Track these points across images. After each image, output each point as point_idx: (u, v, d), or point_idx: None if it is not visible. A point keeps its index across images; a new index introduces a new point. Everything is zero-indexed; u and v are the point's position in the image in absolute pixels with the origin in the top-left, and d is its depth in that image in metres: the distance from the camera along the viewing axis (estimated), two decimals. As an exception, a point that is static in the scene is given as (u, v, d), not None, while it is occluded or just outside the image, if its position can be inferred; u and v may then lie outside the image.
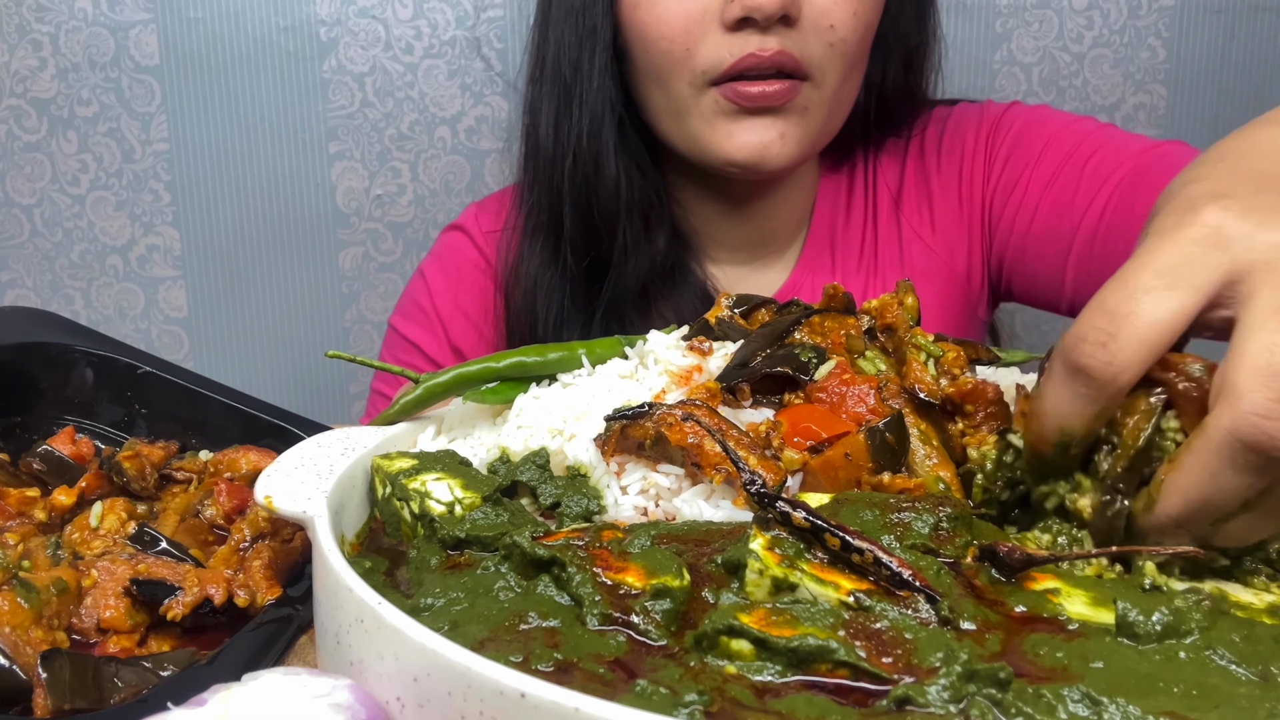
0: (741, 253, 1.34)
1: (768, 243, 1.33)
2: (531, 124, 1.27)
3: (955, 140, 1.33)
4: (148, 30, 1.75)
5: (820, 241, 1.34)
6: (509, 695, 0.43)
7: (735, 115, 1.16)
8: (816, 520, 0.53)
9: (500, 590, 0.56)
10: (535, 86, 1.26)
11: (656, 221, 1.25)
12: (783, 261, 1.35)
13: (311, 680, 0.51)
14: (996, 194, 1.29)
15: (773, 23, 1.11)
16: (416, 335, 1.36)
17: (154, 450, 0.88)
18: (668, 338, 0.81)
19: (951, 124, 1.34)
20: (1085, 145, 1.22)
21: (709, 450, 0.65)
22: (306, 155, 1.82)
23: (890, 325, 0.76)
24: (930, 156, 1.33)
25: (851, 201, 1.35)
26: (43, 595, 0.66)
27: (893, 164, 1.35)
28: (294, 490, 0.66)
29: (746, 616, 0.49)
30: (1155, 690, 0.46)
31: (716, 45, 1.14)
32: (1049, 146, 1.25)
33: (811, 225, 1.34)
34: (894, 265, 1.32)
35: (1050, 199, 1.22)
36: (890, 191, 1.34)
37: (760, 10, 1.10)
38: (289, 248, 1.86)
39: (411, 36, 1.79)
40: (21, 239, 1.82)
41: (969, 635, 0.50)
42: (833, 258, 1.33)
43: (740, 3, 1.11)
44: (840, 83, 1.18)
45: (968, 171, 1.31)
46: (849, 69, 1.18)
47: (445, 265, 1.38)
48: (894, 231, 1.32)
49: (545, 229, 1.26)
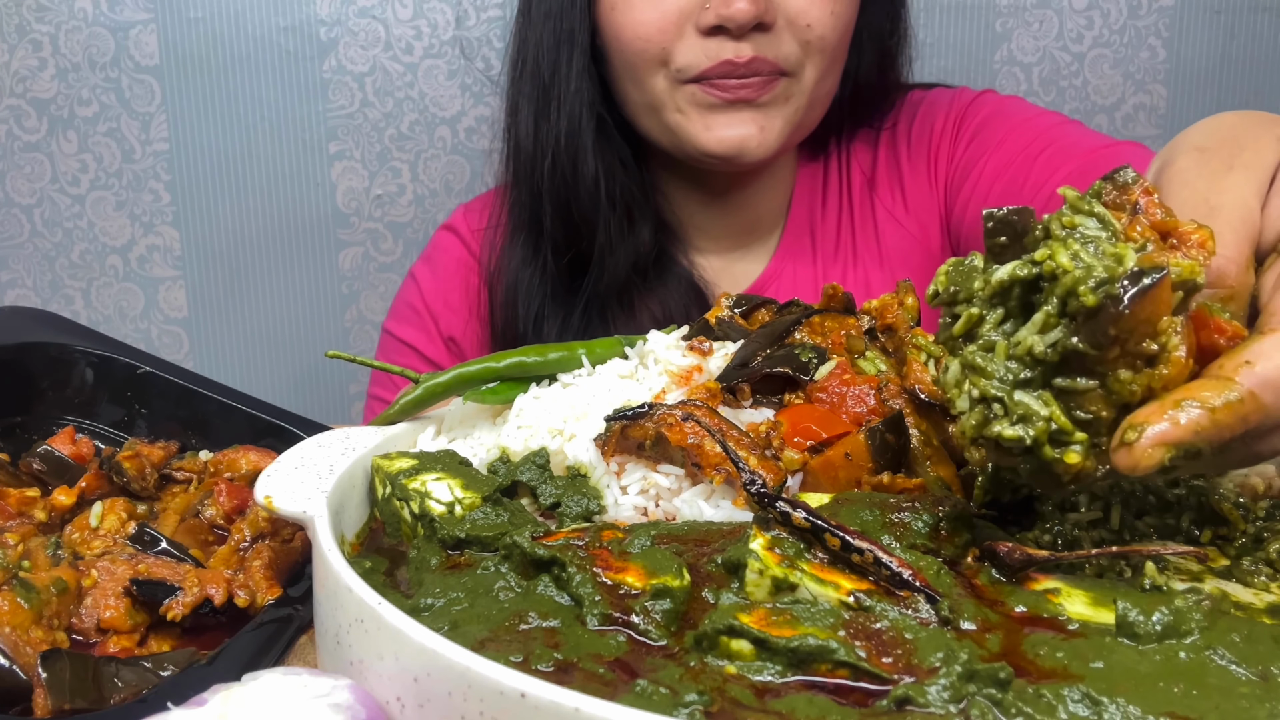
0: (724, 242, 1.35)
1: (750, 231, 1.35)
2: (511, 124, 1.28)
3: (926, 123, 1.35)
4: (148, 30, 1.75)
5: (799, 229, 1.36)
6: (509, 695, 0.43)
7: (713, 109, 1.17)
8: (816, 520, 0.53)
9: (500, 590, 0.56)
10: (515, 87, 1.28)
11: (640, 215, 1.27)
12: (764, 249, 1.36)
13: (311, 680, 0.51)
14: (954, 175, 1.31)
15: (747, 30, 1.13)
16: (410, 335, 1.36)
17: (154, 450, 0.88)
18: (668, 338, 0.81)
19: (925, 107, 1.36)
20: (1041, 139, 1.24)
21: (709, 450, 0.65)
22: (306, 155, 1.82)
23: (890, 325, 0.76)
24: (901, 138, 1.35)
25: (827, 189, 1.37)
26: (43, 595, 0.66)
27: (865, 148, 1.37)
28: (294, 490, 0.66)
29: (746, 616, 0.49)
30: (1155, 690, 0.46)
31: (692, 48, 1.15)
32: (1008, 136, 1.26)
33: (790, 214, 1.36)
34: (871, 248, 1.34)
35: (1000, 187, 1.24)
36: (864, 174, 1.36)
37: (733, 21, 1.11)
38: (289, 248, 1.86)
39: (411, 36, 1.79)
40: (21, 239, 1.82)
41: (969, 635, 0.50)
42: (812, 244, 1.35)
43: (714, 12, 1.12)
44: (820, 77, 1.20)
45: (934, 151, 1.33)
46: (828, 64, 1.20)
47: (435, 265, 1.39)
48: (869, 214, 1.34)
49: (526, 227, 1.28)
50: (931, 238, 1.33)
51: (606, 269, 1.25)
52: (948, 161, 1.32)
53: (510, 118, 1.29)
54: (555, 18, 1.22)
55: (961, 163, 1.30)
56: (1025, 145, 1.24)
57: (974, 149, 1.29)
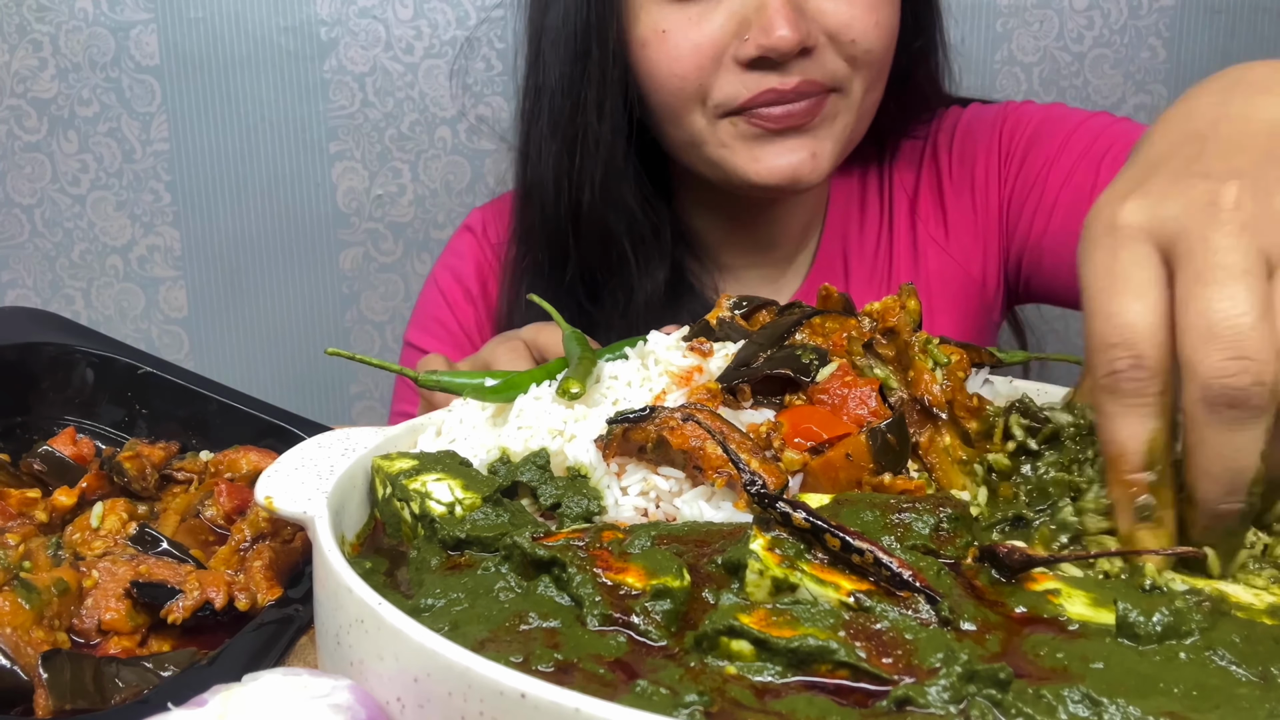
0: (751, 258, 1.30)
1: (778, 249, 1.30)
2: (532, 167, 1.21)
3: (968, 143, 1.30)
4: (148, 30, 1.75)
5: (833, 249, 1.31)
6: (509, 696, 0.43)
7: (760, 139, 1.11)
8: (817, 521, 0.53)
9: (500, 591, 0.56)
10: (532, 126, 1.20)
11: (668, 241, 1.22)
12: (794, 270, 1.32)
13: (312, 681, 0.51)
14: (1014, 195, 1.26)
15: (790, 58, 1.06)
16: (436, 348, 1.31)
17: (154, 450, 0.88)
18: (668, 338, 0.81)
19: (963, 126, 1.31)
20: (1103, 138, 1.19)
21: (711, 453, 0.65)
22: (307, 155, 1.82)
23: (892, 329, 0.76)
24: (943, 160, 1.30)
25: (865, 207, 1.32)
26: (44, 596, 0.66)
27: (909, 168, 1.31)
28: (294, 491, 0.66)
29: (747, 617, 0.49)
30: (1155, 691, 0.46)
31: (731, 82, 1.08)
32: (1067, 142, 1.21)
33: (824, 232, 1.31)
34: (908, 272, 1.28)
35: (1068, 194, 1.19)
36: (907, 196, 1.30)
37: (776, 50, 1.04)
38: (289, 248, 1.86)
39: (412, 36, 1.79)
40: (22, 239, 1.82)
41: (969, 636, 0.50)
42: (845, 265, 1.30)
43: (754, 43, 1.05)
44: (866, 90, 1.14)
45: (982, 175, 1.28)
46: (875, 77, 1.14)
47: (457, 272, 1.35)
48: (909, 238, 1.29)
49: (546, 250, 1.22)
50: (972, 264, 1.28)
51: (633, 298, 1.20)
52: (999, 184, 1.27)
53: (528, 158, 1.22)
54: (580, 56, 1.14)
55: (1020, 183, 1.25)
56: (1086, 148, 1.19)
57: (1031, 165, 1.24)
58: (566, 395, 0.73)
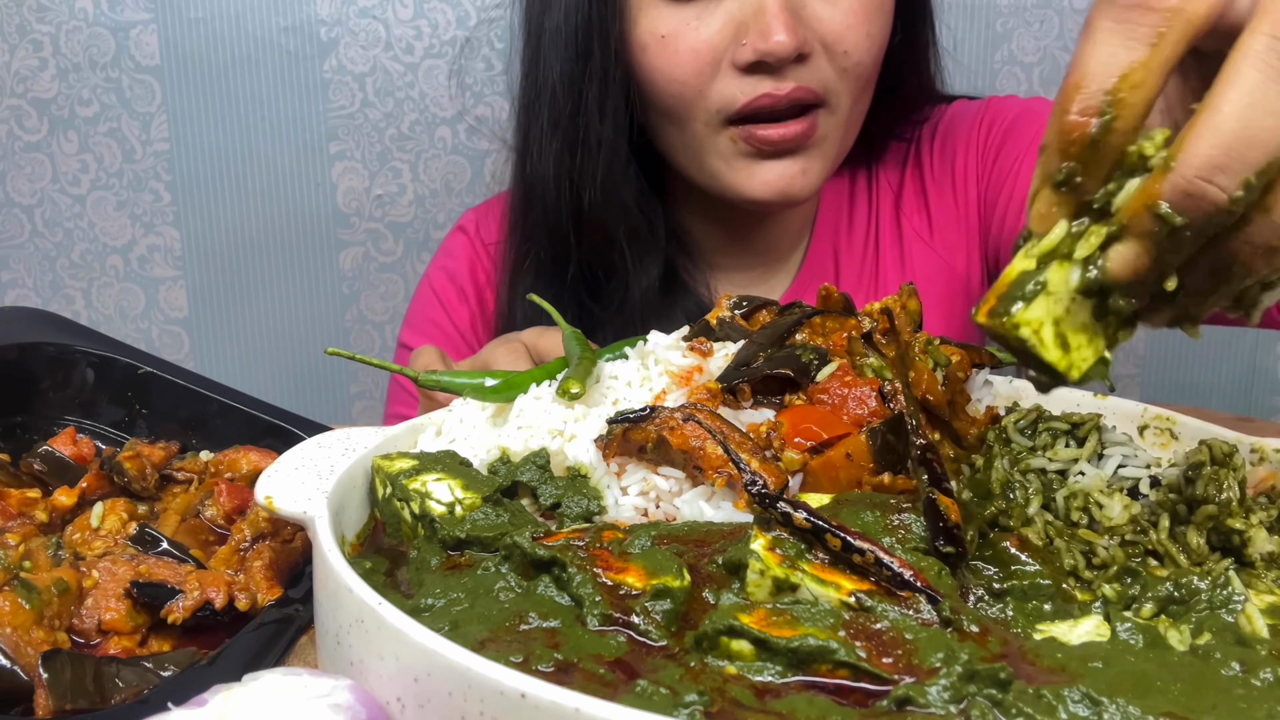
0: (744, 260, 1.33)
1: (770, 251, 1.33)
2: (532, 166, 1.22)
3: (950, 138, 1.32)
4: (148, 30, 1.75)
5: (823, 249, 1.33)
6: (509, 695, 0.43)
7: (755, 157, 1.14)
8: (817, 521, 0.53)
9: (500, 591, 0.56)
10: (532, 123, 1.21)
11: (661, 241, 1.24)
12: (785, 271, 1.34)
13: (312, 680, 0.51)
14: (990, 188, 1.28)
15: (786, 64, 1.09)
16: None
17: (154, 450, 0.88)
18: (668, 338, 0.81)
19: (946, 122, 1.33)
20: None
21: (711, 454, 0.65)
22: (307, 155, 1.82)
23: (893, 329, 0.76)
24: (926, 156, 1.33)
25: (854, 207, 1.34)
26: (44, 596, 0.66)
27: (894, 166, 1.34)
28: (294, 490, 0.66)
29: (747, 617, 0.49)
30: (1155, 690, 0.46)
31: (728, 85, 1.11)
32: (1039, 135, 1.21)
33: (814, 233, 1.33)
34: (895, 269, 1.31)
35: None
36: (893, 192, 1.33)
37: (773, 55, 1.07)
38: (289, 248, 1.86)
39: (412, 36, 1.79)
40: (22, 239, 1.82)
41: (970, 636, 0.50)
42: (836, 265, 1.33)
43: (752, 47, 1.08)
44: (854, 102, 1.17)
45: (961, 169, 1.30)
46: (863, 88, 1.17)
47: (452, 274, 1.35)
48: (895, 234, 1.31)
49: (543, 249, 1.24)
50: (956, 259, 1.30)
51: (628, 295, 1.22)
52: (978, 178, 1.29)
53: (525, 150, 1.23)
54: (581, 56, 1.15)
55: (995, 176, 1.27)
56: None
57: (1006, 157, 1.26)
58: (566, 395, 0.73)
